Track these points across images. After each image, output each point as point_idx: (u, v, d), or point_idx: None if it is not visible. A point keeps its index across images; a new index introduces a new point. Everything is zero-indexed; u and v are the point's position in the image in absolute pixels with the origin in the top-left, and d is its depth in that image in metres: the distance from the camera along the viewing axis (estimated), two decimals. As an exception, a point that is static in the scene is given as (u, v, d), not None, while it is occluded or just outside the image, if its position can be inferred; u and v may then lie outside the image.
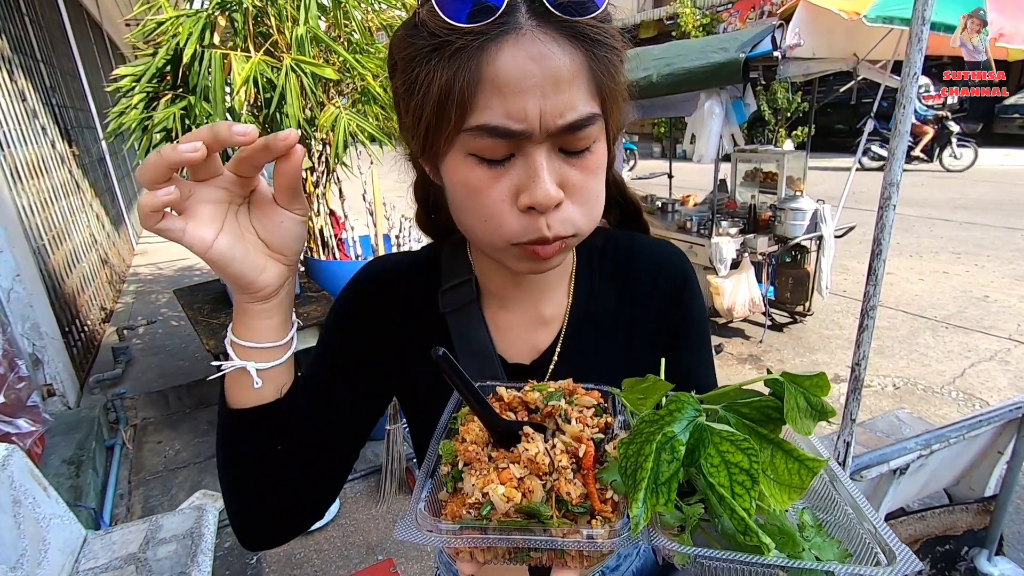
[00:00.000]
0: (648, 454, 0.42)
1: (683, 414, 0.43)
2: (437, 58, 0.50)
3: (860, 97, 10.69)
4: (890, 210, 0.94)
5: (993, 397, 3.30)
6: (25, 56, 4.18)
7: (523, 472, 0.47)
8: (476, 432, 0.52)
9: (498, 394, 0.57)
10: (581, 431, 0.51)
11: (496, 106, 0.49)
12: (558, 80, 0.49)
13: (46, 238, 3.70)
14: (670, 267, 0.73)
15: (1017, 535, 2.32)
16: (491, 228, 0.54)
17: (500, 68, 0.48)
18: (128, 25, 3.67)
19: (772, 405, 0.46)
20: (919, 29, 0.88)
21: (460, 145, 0.52)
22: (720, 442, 0.42)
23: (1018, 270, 5.16)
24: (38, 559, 1.61)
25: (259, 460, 0.61)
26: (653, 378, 0.52)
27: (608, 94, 0.53)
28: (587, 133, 0.52)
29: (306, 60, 2.51)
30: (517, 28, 0.48)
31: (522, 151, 0.51)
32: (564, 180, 0.53)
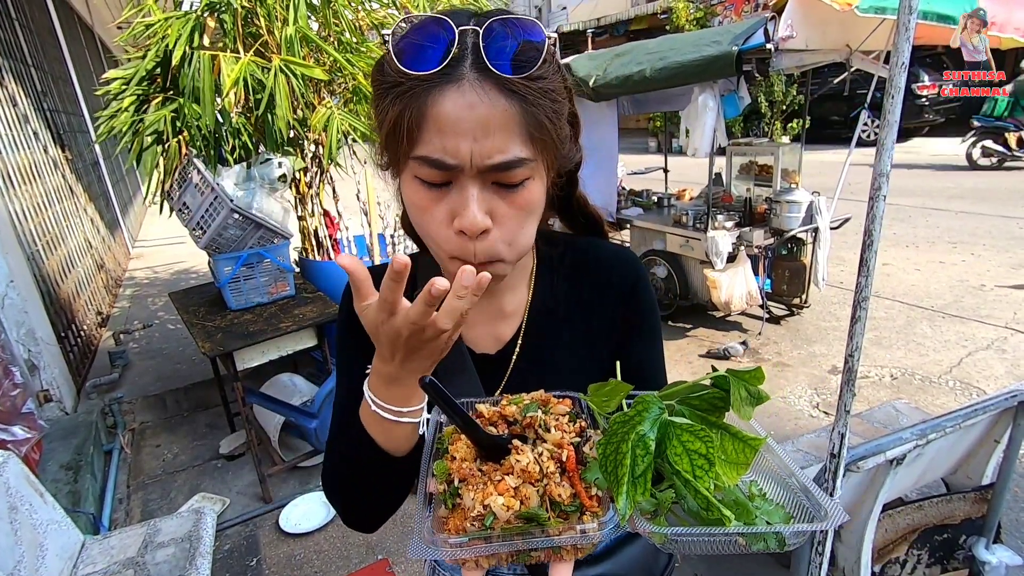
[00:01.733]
0: (625, 452, 0.48)
1: (649, 413, 0.50)
2: (393, 95, 0.59)
3: (854, 88, 10.70)
4: (880, 201, 0.93)
5: (990, 386, 3.31)
6: (15, 61, 4.15)
7: (517, 482, 0.51)
8: (464, 450, 0.56)
9: (478, 411, 0.62)
10: (561, 438, 0.56)
11: (435, 141, 0.57)
12: (488, 126, 0.56)
13: (40, 243, 3.69)
14: (623, 267, 0.80)
15: (1015, 523, 2.33)
16: (434, 241, 0.64)
17: (440, 111, 0.56)
18: (120, 28, 3.65)
19: (718, 396, 0.54)
20: (906, 19, 0.88)
21: (409, 169, 0.61)
22: (681, 434, 0.48)
23: (1014, 259, 5.16)
24: (36, 565, 1.61)
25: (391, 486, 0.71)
26: (614, 382, 0.58)
27: (543, 137, 0.60)
28: (515, 173, 0.59)
29: (295, 61, 2.50)
30: (460, 78, 0.56)
31: (458, 181, 0.59)
32: (493, 211, 0.60)
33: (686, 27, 11.19)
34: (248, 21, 2.76)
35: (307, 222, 3.39)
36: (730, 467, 0.49)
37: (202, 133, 2.64)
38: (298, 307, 2.90)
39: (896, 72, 0.92)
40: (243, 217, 2.75)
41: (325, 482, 0.77)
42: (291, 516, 2.63)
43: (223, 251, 2.82)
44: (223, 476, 3.02)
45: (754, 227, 3.97)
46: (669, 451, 0.48)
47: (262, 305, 2.94)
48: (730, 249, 3.89)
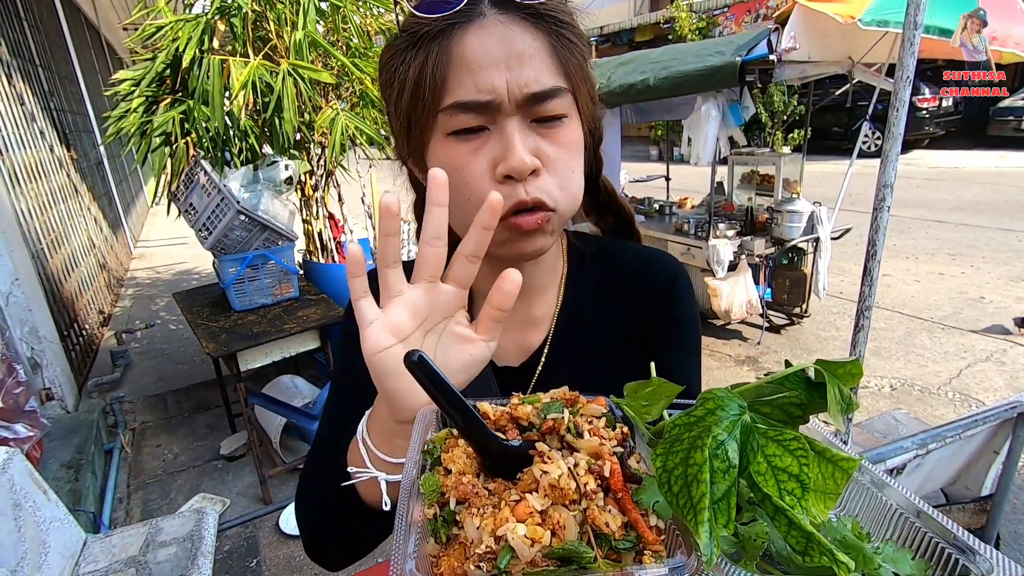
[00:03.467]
0: (701, 463, 0.34)
1: (726, 412, 0.36)
2: (412, 50, 0.56)
3: (855, 100, 10.76)
4: (884, 212, 0.95)
5: (989, 397, 3.32)
6: (23, 60, 4.18)
7: (544, 503, 0.37)
8: (463, 460, 0.42)
9: (482, 411, 0.47)
10: (600, 445, 0.42)
11: (467, 82, 0.53)
12: (520, 55, 0.53)
13: (44, 242, 3.70)
14: (657, 270, 0.73)
15: (1014, 534, 2.33)
16: (474, 206, 0.54)
17: (467, 49, 0.53)
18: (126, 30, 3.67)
19: (794, 402, 0.40)
20: (911, 34, 0.90)
21: (439, 129, 0.57)
22: (766, 444, 0.35)
23: (1013, 271, 5.19)
24: (38, 562, 1.61)
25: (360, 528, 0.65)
26: (658, 380, 0.45)
27: (574, 70, 0.57)
28: (555, 104, 0.55)
29: (303, 65, 2.53)
30: (480, 15, 0.54)
31: (496, 124, 0.55)
32: (538, 151, 0.56)
33: (688, 37, 11.26)
34: (258, 25, 2.78)
35: (312, 225, 3.41)
36: (816, 497, 0.36)
37: (210, 135, 2.66)
38: (302, 309, 2.91)
39: (900, 86, 0.94)
40: (249, 219, 2.76)
41: (298, 497, 0.69)
42: (291, 518, 2.63)
43: (228, 252, 2.83)
44: (223, 477, 3.02)
45: (755, 236, 3.99)
46: (752, 467, 0.35)
47: (266, 306, 2.95)
48: (731, 258, 3.91)
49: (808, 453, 0.34)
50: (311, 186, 3.34)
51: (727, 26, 11.92)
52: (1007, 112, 10.89)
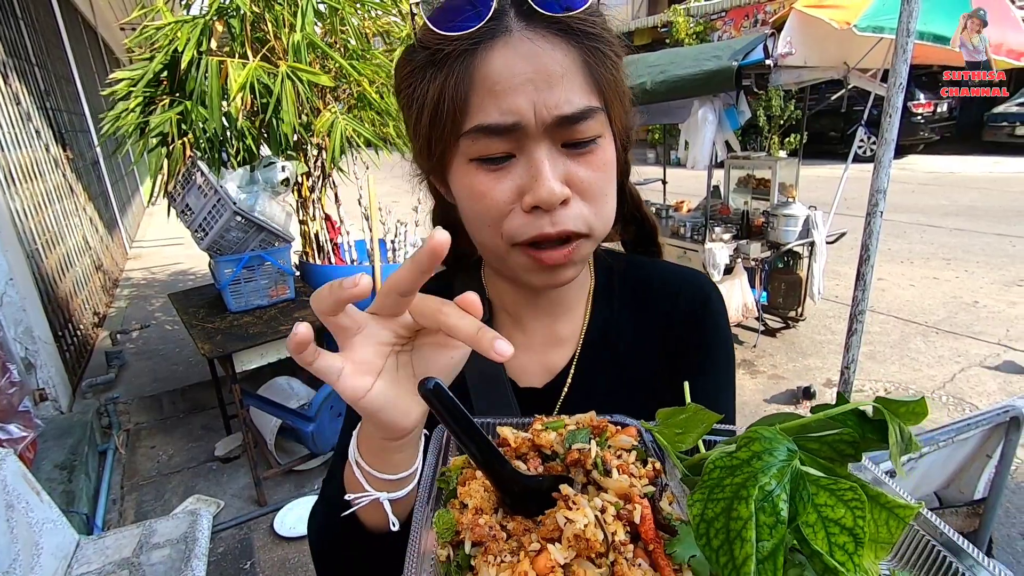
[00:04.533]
0: (746, 518, 0.30)
1: (774, 457, 0.32)
2: (432, 69, 0.51)
3: (851, 105, 10.81)
4: (877, 216, 0.96)
5: (982, 401, 3.34)
6: (20, 59, 4.17)
7: (567, 554, 0.34)
8: (481, 494, 0.39)
9: (501, 436, 0.44)
10: (631, 486, 0.38)
11: (490, 106, 0.49)
12: (550, 75, 0.49)
13: (39, 242, 3.69)
14: (690, 291, 0.69)
15: (1006, 538, 2.35)
16: (493, 232, 0.53)
17: (491, 69, 0.49)
18: (123, 30, 3.66)
19: (846, 439, 0.36)
20: (904, 40, 0.91)
21: (461, 153, 0.53)
22: (817, 492, 0.31)
23: (1007, 276, 5.22)
24: (31, 564, 1.60)
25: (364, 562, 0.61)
26: (694, 407, 0.41)
27: (607, 87, 0.53)
28: (587, 126, 0.51)
29: (302, 67, 2.53)
30: (506, 31, 0.50)
31: (523, 150, 0.51)
32: (570, 178, 0.52)
33: (686, 41, 11.31)
34: (256, 26, 2.78)
35: (308, 226, 3.41)
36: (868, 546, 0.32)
37: (207, 136, 2.66)
38: (298, 310, 2.91)
39: (894, 92, 0.95)
40: (245, 220, 2.76)
41: (309, 524, 0.66)
42: (286, 520, 2.62)
43: (224, 253, 2.82)
44: (218, 478, 3.01)
45: (751, 240, 4.00)
46: (801, 519, 0.31)
47: (262, 308, 2.95)
48: (727, 261, 3.92)
49: (864, 504, 0.31)
50: (308, 187, 3.34)
51: (725, 31, 11.98)
52: (1001, 118, 10.97)
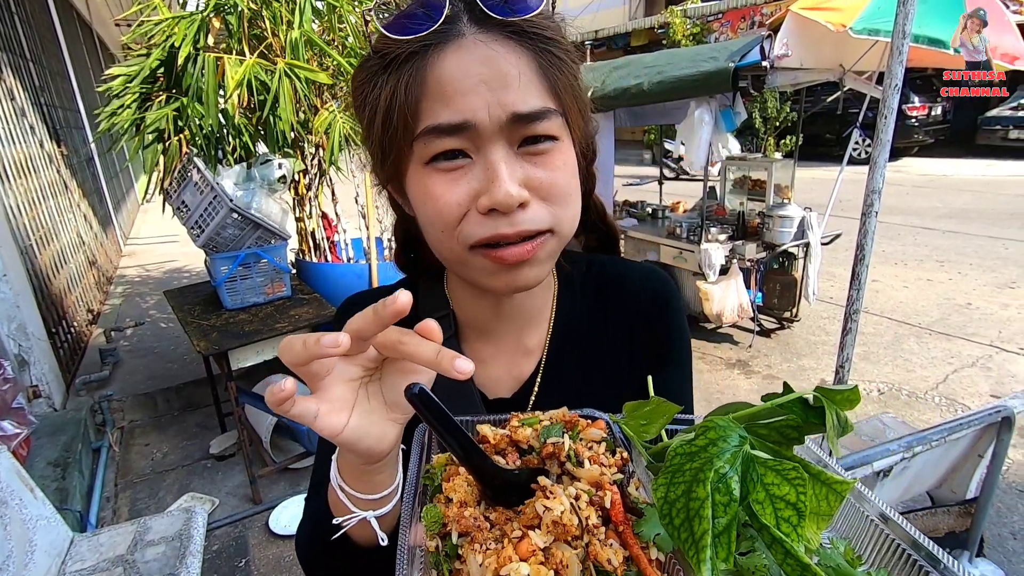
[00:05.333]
0: (703, 498, 0.34)
1: (727, 444, 0.36)
2: (384, 75, 0.52)
3: (846, 107, 10.87)
4: (872, 217, 0.97)
5: (974, 402, 3.36)
6: (14, 55, 4.14)
7: (547, 539, 0.37)
8: (464, 488, 0.42)
9: (481, 433, 0.48)
10: (601, 475, 0.42)
11: (441, 108, 0.49)
12: (505, 75, 0.49)
13: (33, 238, 3.67)
14: (651, 288, 0.70)
15: (997, 537, 2.37)
16: (448, 236, 0.52)
17: (443, 72, 0.49)
18: (119, 26, 3.65)
19: (791, 424, 0.40)
20: (900, 43, 0.91)
21: (416, 158, 0.52)
22: (765, 473, 0.35)
23: (999, 278, 5.26)
24: (24, 561, 1.60)
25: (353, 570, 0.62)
26: (657, 400, 0.44)
27: (563, 91, 0.53)
28: (544, 126, 0.50)
29: (299, 65, 2.52)
30: (459, 35, 0.49)
31: (478, 151, 0.50)
32: (529, 180, 0.51)
33: (683, 42, 11.33)
34: (253, 23, 2.78)
35: (305, 224, 3.40)
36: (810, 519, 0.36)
37: (204, 133, 2.65)
38: (294, 308, 2.91)
39: (889, 93, 0.96)
40: (241, 217, 2.75)
41: (298, 536, 0.67)
42: (281, 518, 2.62)
43: (220, 250, 2.82)
44: (213, 476, 3.00)
45: (747, 240, 4.02)
46: (752, 496, 0.35)
47: (258, 305, 2.94)
48: (723, 262, 3.94)
49: (805, 481, 0.34)
50: (305, 185, 3.33)
51: (722, 32, 12.02)
52: (995, 121, 11.05)
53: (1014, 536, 2.38)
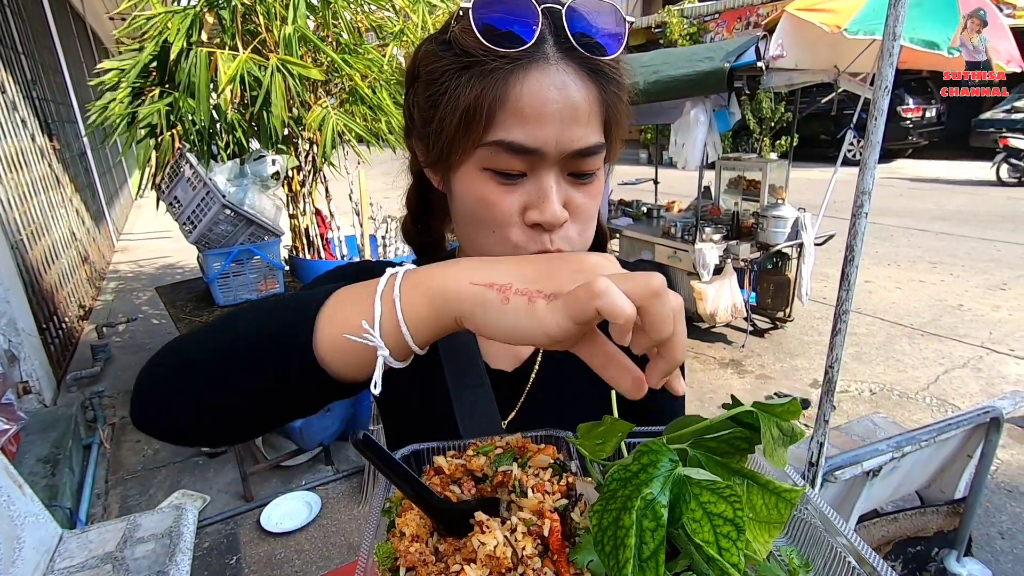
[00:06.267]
0: (628, 527, 0.35)
1: (658, 468, 0.37)
2: (467, 75, 0.53)
3: (841, 108, 10.91)
4: (862, 218, 0.97)
5: (965, 403, 3.39)
6: (5, 48, 4.11)
7: (482, 572, 0.40)
8: (416, 522, 0.44)
9: (437, 465, 0.50)
10: (541, 503, 0.44)
11: (514, 126, 0.52)
12: (576, 110, 0.53)
13: (24, 233, 3.64)
14: None
15: (985, 536, 2.39)
16: (496, 238, 0.57)
17: (524, 92, 0.52)
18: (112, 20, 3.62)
19: (740, 435, 0.42)
20: (890, 44, 0.92)
21: (476, 159, 0.55)
22: (700, 492, 0.37)
23: (991, 280, 5.29)
24: (12, 558, 1.59)
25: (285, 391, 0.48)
26: (610, 419, 0.46)
27: (612, 128, 0.58)
28: (593, 161, 0.56)
29: (292, 60, 2.51)
30: (544, 58, 0.53)
31: (534, 171, 0.55)
32: (569, 202, 0.57)
33: (679, 42, 11.35)
34: (247, 18, 2.76)
35: (298, 220, 3.38)
36: (760, 528, 0.38)
37: (196, 128, 2.64)
38: (286, 305, 2.89)
39: (880, 95, 0.96)
40: (234, 213, 2.74)
41: (222, 327, 0.51)
42: (272, 515, 2.61)
43: (213, 246, 2.80)
44: (204, 473, 2.99)
45: (741, 240, 4.03)
46: (686, 516, 0.36)
47: (251, 302, 2.93)
48: (717, 261, 3.95)
49: (741, 498, 0.36)
50: (298, 181, 3.32)
51: (718, 32, 12.04)
52: (988, 124, 11.11)
53: (1002, 536, 2.40)
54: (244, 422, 0.50)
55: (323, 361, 0.45)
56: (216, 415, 0.49)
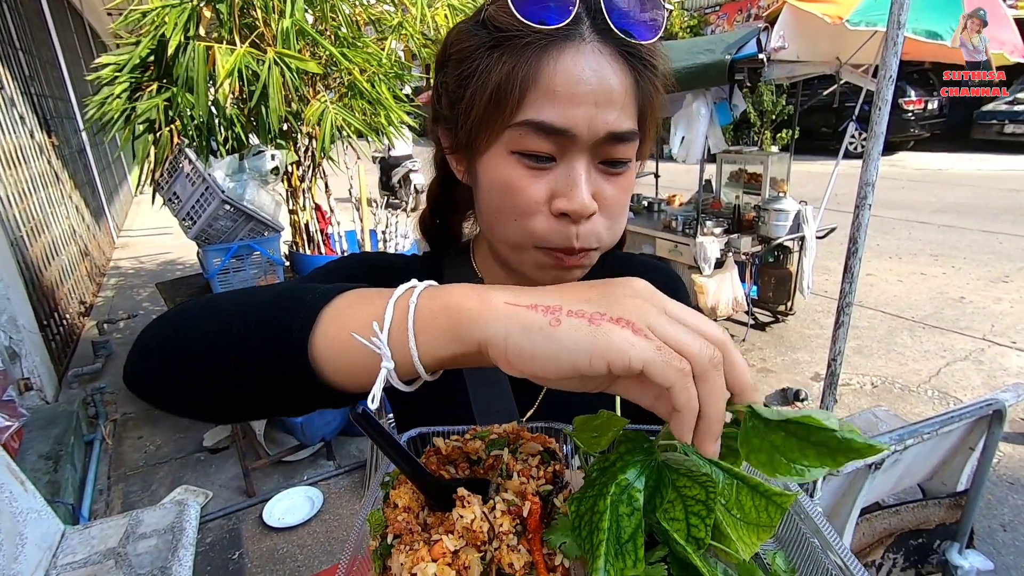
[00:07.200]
0: (603, 511, 0.36)
1: (634, 456, 0.38)
2: (499, 52, 0.52)
3: (843, 100, 10.86)
4: (866, 209, 0.96)
5: (967, 396, 3.38)
6: (3, 44, 4.09)
7: (458, 543, 0.40)
8: (409, 495, 0.45)
9: (435, 446, 0.52)
10: (523, 485, 0.45)
11: (547, 106, 0.50)
12: (611, 93, 0.51)
13: (24, 229, 3.63)
14: (663, 280, 0.74)
15: (987, 529, 2.39)
16: (520, 227, 0.55)
17: (559, 71, 0.50)
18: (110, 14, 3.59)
19: (732, 435, 0.40)
20: (894, 33, 0.91)
21: (504, 142, 0.53)
22: (677, 478, 0.37)
23: (993, 272, 5.28)
24: (14, 554, 1.59)
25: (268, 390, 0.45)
26: (606, 414, 0.46)
27: (646, 116, 0.56)
28: (626, 149, 0.54)
29: (289, 54, 2.49)
30: (580, 38, 0.51)
31: (564, 157, 0.53)
32: (599, 193, 0.54)
33: (679, 34, 11.29)
34: (244, 12, 2.74)
35: (298, 216, 3.38)
36: (748, 529, 0.37)
37: (195, 123, 2.63)
38: (287, 301, 2.89)
39: (884, 85, 0.95)
40: (234, 208, 2.73)
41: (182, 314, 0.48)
42: (275, 510, 2.62)
43: (213, 242, 2.80)
44: (206, 469, 3.00)
45: (742, 234, 4.02)
46: (664, 502, 0.37)
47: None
48: (718, 255, 3.94)
49: (715, 482, 0.37)
50: (298, 177, 3.31)
51: (718, 25, 11.97)
52: (990, 116, 11.06)
53: (1004, 528, 2.40)
54: (231, 405, 0.46)
55: (317, 359, 0.40)
56: (204, 392, 0.45)
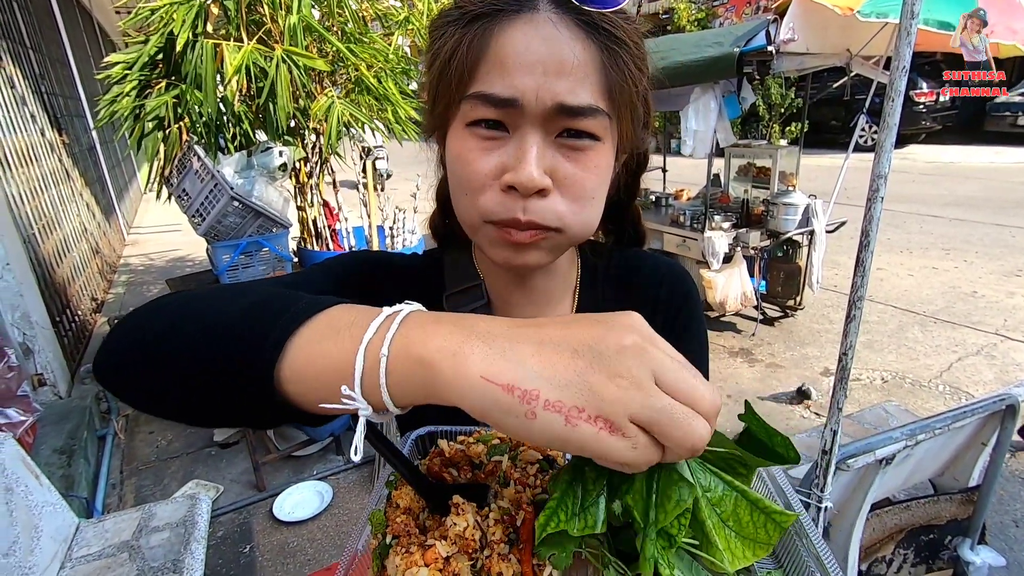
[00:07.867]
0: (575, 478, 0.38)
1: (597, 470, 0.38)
2: (455, 25, 0.52)
3: (853, 93, 10.73)
4: (878, 202, 0.95)
5: (979, 391, 3.35)
6: (13, 42, 4.12)
7: (450, 550, 0.41)
8: (411, 496, 0.46)
9: (440, 448, 0.52)
10: (519, 494, 0.45)
11: (495, 77, 0.49)
12: (562, 62, 0.48)
13: (36, 227, 3.67)
14: (673, 280, 0.73)
15: (999, 525, 2.37)
16: (470, 202, 0.54)
17: (507, 41, 0.49)
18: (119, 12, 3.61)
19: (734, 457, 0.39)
20: (908, 23, 0.89)
21: (461, 116, 0.52)
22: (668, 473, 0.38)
23: (1006, 266, 5.22)
24: (31, 546, 1.61)
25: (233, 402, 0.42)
26: None
27: (618, 94, 0.52)
28: (586, 123, 0.50)
29: (297, 51, 2.50)
30: (533, 8, 0.50)
31: (516, 129, 0.51)
32: (555, 170, 0.51)
33: (687, 27, 11.20)
34: (252, 9, 2.75)
35: (306, 212, 3.39)
36: (743, 543, 0.36)
37: (203, 120, 2.64)
38: (296, 297, 2.90)
39: (897, 76, 0.94)
40: (243, 205, 2.75)
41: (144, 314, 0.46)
42: (285, 504, 2.64)
43: (222, 238, 2.81)
44: (217, 464, 3.03)
45: (751, 228, 3.99)
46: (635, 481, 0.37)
47: (254, 283, 2.94)
48: (726, 250, 3.92)
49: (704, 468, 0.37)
50: (306, 173, 3.32)
51: (727, 17, 11.85)
52: (1003, 108, 10.91)
53: (1016, 524, 2.39)
54: (197, 413, 0.43)
55: (283, 383, 0.37)
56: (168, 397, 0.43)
